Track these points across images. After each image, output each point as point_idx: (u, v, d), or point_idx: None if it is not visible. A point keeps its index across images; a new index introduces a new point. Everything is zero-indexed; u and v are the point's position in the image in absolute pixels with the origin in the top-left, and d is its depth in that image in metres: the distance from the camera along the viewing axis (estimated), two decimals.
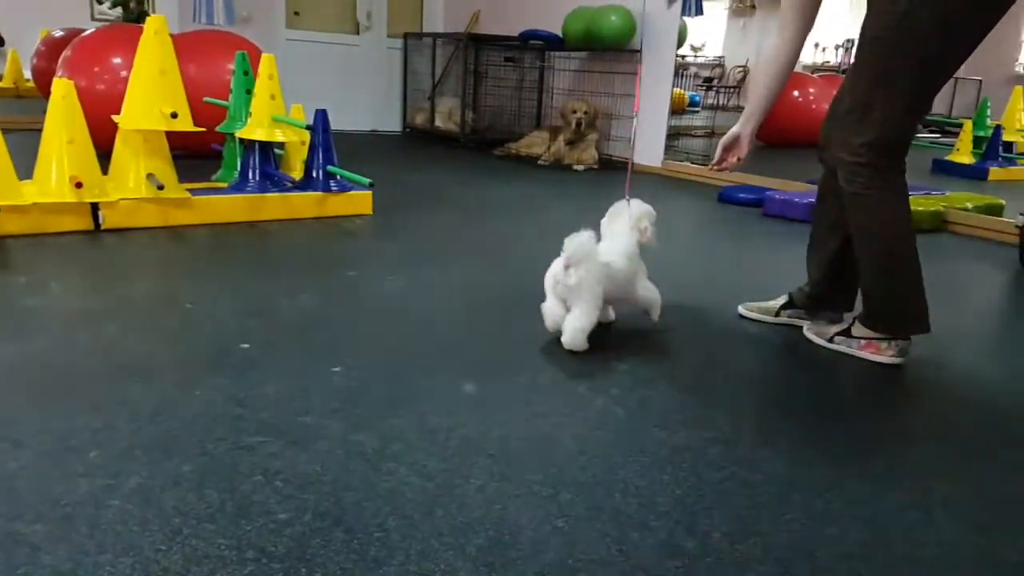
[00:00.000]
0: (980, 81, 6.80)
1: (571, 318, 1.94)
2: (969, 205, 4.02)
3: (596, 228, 2.02)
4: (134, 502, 1.20)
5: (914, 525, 1.28)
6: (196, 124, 3.04)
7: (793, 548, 1.19)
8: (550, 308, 1.99)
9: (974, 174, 5.90)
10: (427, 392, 1.67)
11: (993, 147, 6.07)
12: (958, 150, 6.26)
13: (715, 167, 2.20)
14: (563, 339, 1.95)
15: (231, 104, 3.55)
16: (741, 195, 4.37)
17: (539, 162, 5.75)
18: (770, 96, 2.09)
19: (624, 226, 2.13)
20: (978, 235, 3.83)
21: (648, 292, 2.17)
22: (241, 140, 3.39)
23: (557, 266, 1.96)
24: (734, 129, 2.16)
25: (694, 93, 9.07)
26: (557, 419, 1.59)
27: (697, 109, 8.86)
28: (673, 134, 6.06)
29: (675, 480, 1.37)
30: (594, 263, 1.94)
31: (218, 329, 1.99)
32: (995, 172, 5.91)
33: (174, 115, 2.91)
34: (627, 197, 2.17)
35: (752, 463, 1.45)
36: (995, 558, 1.21)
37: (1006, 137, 6.18)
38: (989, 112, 6.48)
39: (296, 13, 6.92)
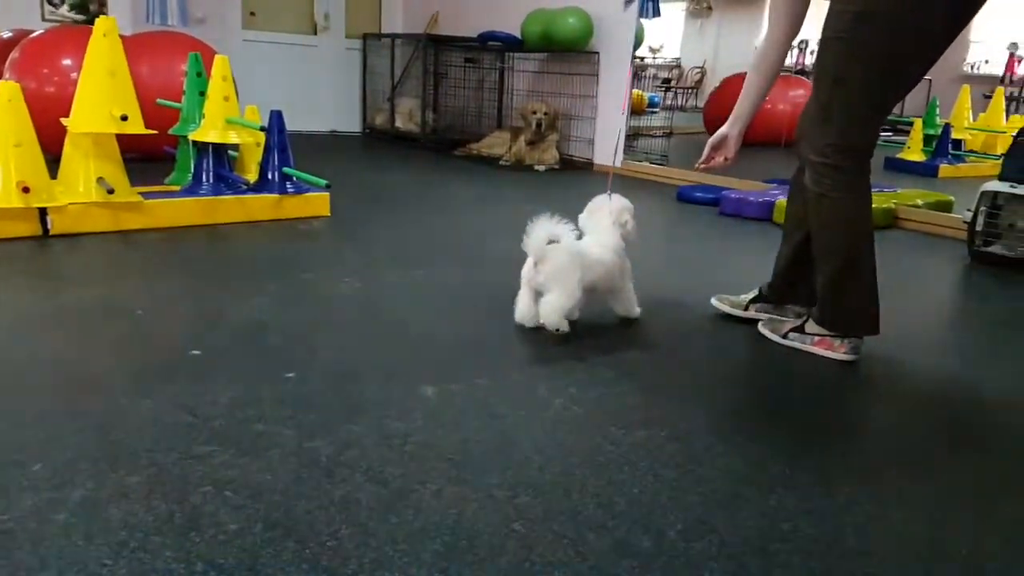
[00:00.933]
0: (930, 81, 6.96)
1: (546, 299, 2.00)
2: (919, 202, 4.11)
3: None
4: (79, 516, 1.16)
5: (866, 519, 1.30)
6: (149, 126, 2.98)
7: (747, 544, 1.20)
8: (523, 302, 2.09)
9: (925, 171, 6.03)
10: (384, 397, 1.65)
11: (942, 145, 6.21)
12: (909, 148, 6.40)
13: (702, 165, 2.21)
14: (541, 319, 2.02)
15: (184, 106, 3.49)
16: (698, 194, 4.41)
17: (500, 162, 5.74)
18: (757, 97, 2.11)
19: (606, 221, 2.18)
20: (928, 231, 3.92)
21: (631, 299, 2.23)
22: (194, 142, 3.33)
23: (529, 262, 2.03)
24: (722, 129, 2.18)
25: (653, 94, 9.15)
26: (516, 421, 1.58)
27: (656, 110, 8.94)
28: (633, 134, 6.09)
29: (632, 479, 1.38)
30: (562, 255, 1.99)
31: (169, 335, 1.95)
32: (945, 169, 6.05)
33: (124, 117, 2.85)
34: (609, 192, 2.21)
35: (708, 460, 1.46)
36: (946, 550, 1.24)
37: (955, 135, 6.33)
38: (938, 111, 6.64)
39: (252, 14, 6.83)
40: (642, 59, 6.36)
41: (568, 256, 2.00)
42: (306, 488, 1.27)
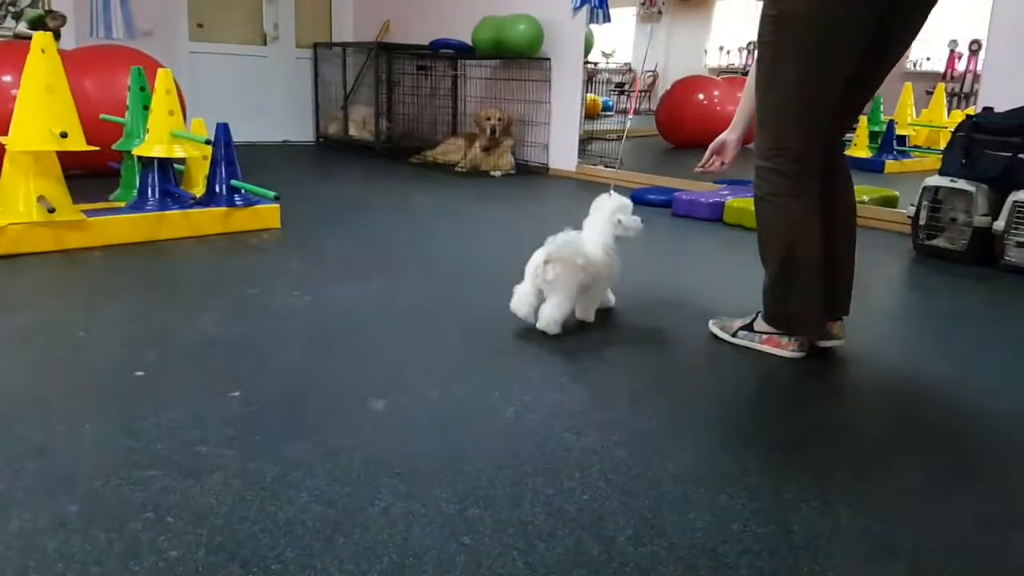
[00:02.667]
0: None
1: (546, 307, 2.11)
2: (866, 198, 4.18)
3: (511, 231, 2.02)
4: (13, 548, 1.13)
5: (813, 516, 1.32)
6: (94, 142, 2.91)
7: (696, 547, 1.21)
8: (523, 293, 2.13)
9: (871, 167, 6.15)
10: (331, 413, 1.63)
11: (887, 141, 6.35)
12: (855, 145, 6.52)
13: (701, 168, 2.25)
14: (538, 324, 2.12)
15: (128, 121, 3.42)
16: (650, 196, 4.44)
17: (456, 169, 5.73)
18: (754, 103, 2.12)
19: (603, 219, 2.26)
20: (874, 226, 3.99)
21: (594, 304, 2.28)
22: (139, 158, 3.27)
23: (539, 258, 2.09)
24: (722, 135, 2.22)
25: (606, 98, 9.22)
26: (468, 431, 1.57)
27: (610, 113, 9.01)
28: (587, 138, 6.12)
29: (583, 486, 1.37)
30: (573, 262, 2.07)
31: (112, 357, 1.90)
32: (890, 165, 6.17)
33: (64, 135, 2.78)
34: (611, 191, 2.30)
35: (658, 463, 1.47)
36: (891, 545, 1.25)
37: (899, 131, 6.46)
38: (882, 108, 6.77)
39: (200, 25, 6.72)
40: (595, 64, 6.40)
41: (576, 265, 2.08)
42: (250, 511, 1.25)
